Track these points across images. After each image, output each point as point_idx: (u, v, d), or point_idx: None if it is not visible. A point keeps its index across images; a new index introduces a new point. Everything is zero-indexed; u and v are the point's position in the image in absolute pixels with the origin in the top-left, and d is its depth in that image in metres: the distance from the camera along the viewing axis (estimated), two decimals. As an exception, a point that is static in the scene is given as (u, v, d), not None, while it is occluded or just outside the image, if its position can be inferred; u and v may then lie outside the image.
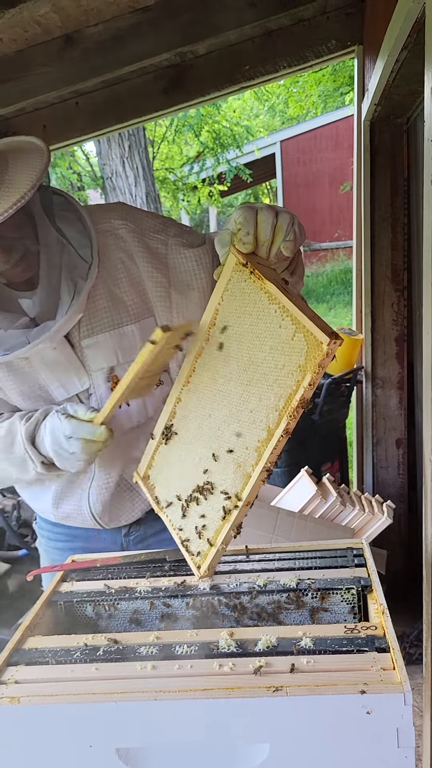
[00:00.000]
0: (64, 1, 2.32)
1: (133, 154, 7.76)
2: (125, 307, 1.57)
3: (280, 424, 1.17)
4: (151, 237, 1.58)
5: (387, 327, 3.55)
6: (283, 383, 1.17)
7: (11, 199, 1.27)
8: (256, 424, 1.22)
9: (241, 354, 1.25)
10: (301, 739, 1.02)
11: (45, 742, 1.06)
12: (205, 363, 1.33)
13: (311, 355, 1.12)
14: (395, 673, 1.03)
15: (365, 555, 1.41)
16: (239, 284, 1.26)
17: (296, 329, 1.14)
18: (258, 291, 1.21)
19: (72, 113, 3.37)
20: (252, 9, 2.64)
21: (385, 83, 2.47)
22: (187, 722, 1.04)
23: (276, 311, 1.18)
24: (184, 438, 1.38)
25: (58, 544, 1.82)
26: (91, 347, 1.56)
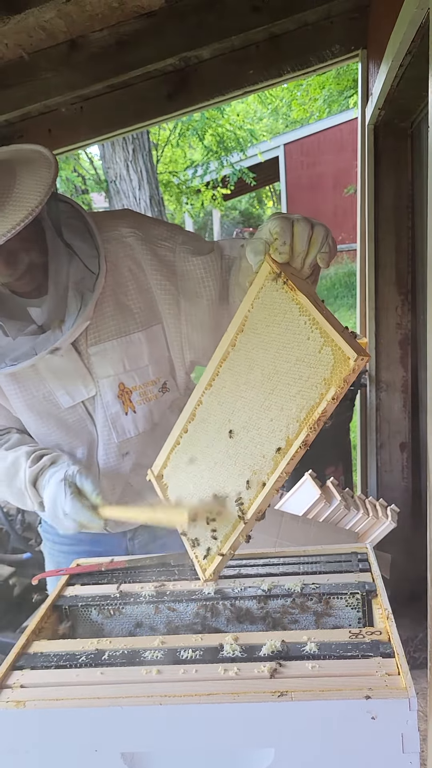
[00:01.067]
0: (69, 6, 2.33)
1: (137, 157, 7.77)
2: (132, 314, 1.57)
3: (299, 435, 1.17)
4: (159, 245, 1.58)
5: (391, 331, 3.55)
6: (306, 395, 1.17)
7: (19, 215, 1.26)
8: (275, 434, 1.22)
9: (266, 362, 1.25)
10: (306, 744, 1.02)
11: (50, 747, 1.07)
12: (229, 368, 1.34)
13: (337, 369, 1.12)
14: (400, 679, 1.03)
15: (370, 560, 1.41)
16: (271, 293, 1.26)
17: (324, 342, 1.15)
18: (289, 301, 1.22)
19: (77, 118, 3.38)
20: (256, 14, 2.65)
21: (389, 88, 2.48)
22: (192, 727, 1.04)
23: (306, 323, 1.18)
24: (202, 441, 1.38)
25: (63, 547, 1.82)
26: (98, 355, 1.56)
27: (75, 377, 1.57)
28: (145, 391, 1.62)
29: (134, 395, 1.60)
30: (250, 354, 1.30)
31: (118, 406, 1.60)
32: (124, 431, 1.63)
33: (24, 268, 1.41)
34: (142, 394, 1.62)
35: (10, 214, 1.27)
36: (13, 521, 3.14)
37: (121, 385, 1.59)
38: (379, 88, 2.62)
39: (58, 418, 1.61)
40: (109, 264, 1.53)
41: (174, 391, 1.68)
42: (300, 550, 1.50)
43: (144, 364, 1.60)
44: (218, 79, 3.33)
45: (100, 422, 1.62)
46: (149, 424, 1.66)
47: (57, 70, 2.76)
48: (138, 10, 2.57)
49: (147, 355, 1.60)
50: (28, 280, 1.45)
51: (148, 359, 1.60)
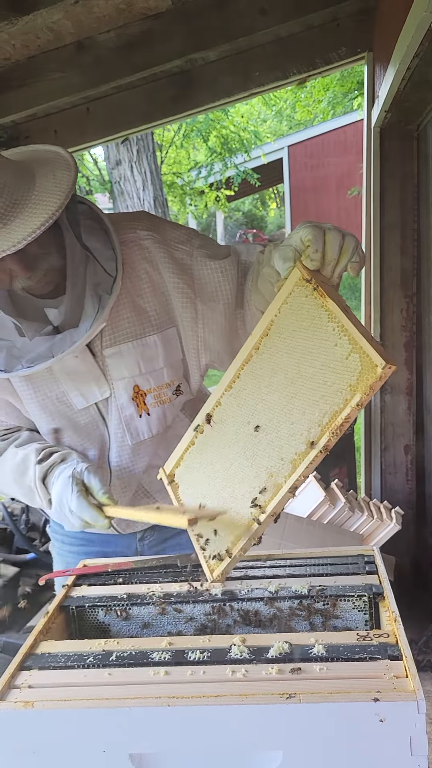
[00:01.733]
0: (77, 8, 2.34)
1: (142, 158, 7.78)
2: (148, 317, 1.57)
3: (320, 440, 1.17)
4: (176, 248, 1.58)
5: (396, 333, 3.55)
6: (330, 400, 1.17)
7: (38, 220, 1.26)
8: (296, 437, 1.22)
9: (290, 366, 1.26)
10: (314, 747, 1.02)
11: (58, 747, 1.07)
12: (251, 371, 1.34)
13: (364, 376, 1.13)
14: (408, 681, 1.03)
15: (376, 562, 1.41)
16: (299, 299, 1.27)
17: (352, 349, 1.15)
18: (318, 308, 1.22)
19: (83, 119, 3.39)
20: (263, 16, 2.65)
21: (396, 90, 2.48)
22: (200, 728, 1.04)
23: (334, 329, 1.19)
24: (218, 442, 1.38)
25: (73, 548, 1.82)
26: (114, 357, 1.56)
27: (89, 379, 1.57)
28: (160, 394, 1.62)
29: (149, 398, 1.60)
30: (275, 358, 1.30)
31: (132, 408, 1.60)
32: (138, 433, 1.63)
33: (42, 272, 1.40)
34: (156, 397, 1.62)
35: (28, 219, 1.26)
36: (17, 521, 3.14)
37: (135, 388, 1.59)
38: (385, 91, 2.62)
39: (70, 419, 1.61)
40: (126, 266, 1.53)
41: (187, 393, 1.68)
42: (306, 551, 1.50)
43: (159, 367, 1.60)
44: (224, 81, 3.34)
45: (113, 424, 1.62)
46: (162, 427, 1.66)
47: (63, 71, 2.77)
48: (145, 12, 2.58)
49: (162, 358, 1.60)
50: (46, 283, 1.44)
51: (163, 362, 1.60)
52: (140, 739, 1.05)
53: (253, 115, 16.63)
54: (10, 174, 1.30)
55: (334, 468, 3.88)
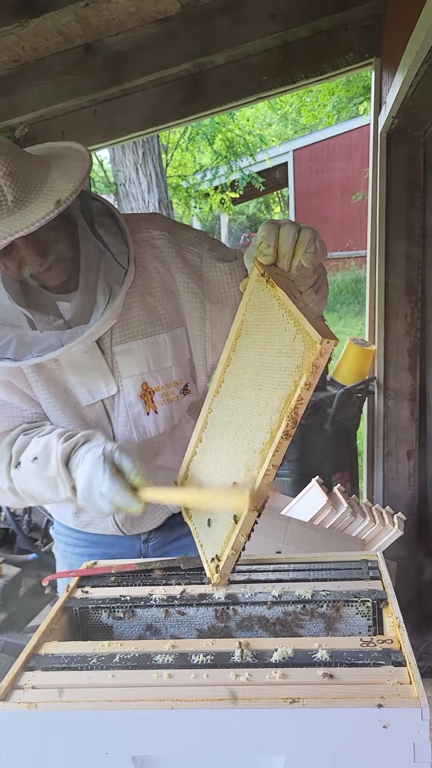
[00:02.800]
0: (86, 11, 2.35)
1: (147, 161, 7.80)
2: (158, 316, 1.59)
3: (280, 426, 1.17)
4: (187, 249, 1.60)
5: (400, 338, 3.55)
6: (285, 384, 1.18)
7: (51, 204, 1.29)
8: (262, 427, 1.23)
9: (255, 360, 1.29)
10: (317, 752, 1.02)
11: (61, 748, 1.07)
12: (231, 372, 1.38)
13: (306, 354, 1.13)
14: (412, 688, 1.03)
15: (380, 567, 1.41)
16: (258, 294, 1.30)
17: (297, 331, 1.17)
18: (271, 298, 1.25)
19: (90, 121, 3.40)
20: (272, 21, 2.66)
21: (403, 96, 2.48)
22: (204, 732, 1.04)
23: (283, 315, 1.22)
24: (210, 446, 1.41)
25: (77, 549, 1.82)
26: (123, 354, 1.57)
27: (96, 375, 1.58)
28: (168, 392, 1.63)
29: (156, 396, 1.61)
30: (245, 355, 1.34)
31: (140, 405, 1.61)
32: (145, 431, 1.63)
33: (53, 258, 1.42)
34: (164, 395, 1.62)
35: (42, 203, 1.29)
36: (19, 521, 3.14)
37: (144, 385, 1.60)
38: (393, 97, 2.62)
39: (78, 413, 1.62)
40: (138, 265, 1.55)
41: (194, 393, 1.69)
42: (310, 556, 1.50)
43: (168, 365, 1.61)
44: (231, 85, 3.35)
45: (121, 421, 1.63)
46: (169, 425, 1.67)
47: (72, 74, 2.78)
48: (154, 16, 2.59)
49: (171, 357, 1.61)
50: (58, 273, 1.45)
51: (171, 360, 1.62)
52: (143, 742, 1.05)
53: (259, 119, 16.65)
54: (26, 163, 1.34)
55: (336, 473, 3.88)
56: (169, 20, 2.63)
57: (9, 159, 1.30)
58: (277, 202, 23.73)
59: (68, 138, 3.38)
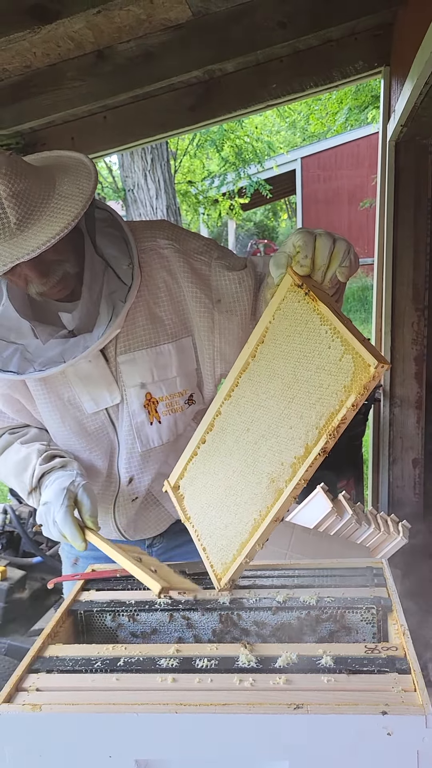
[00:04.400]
0: (98, 18, 2.36)
1: (155, 167, 7.83)
2: (163, 326, 1.58)
3: (318, 442, 1.18)
4: (195, 258, 1.59)
5: (406, 346, 3.55)
6: (326, 402, 1.18)
7: (55, 227, 1.27)
8: (294, 441, 1.23)
9: (286, 371, 1.27)
10: (321, 758, 1.02)
11: (65, 751, 1.07)
12: (249, 378, 1.36)
13: (358, 376, 1.13)
14: (416, 695, 1.03)
15: (385, 575, 1.41)
16: (292, 304, 1.29)
17: (345, 351, 1.16)
18: (310, 312, 1.24)
19: (100, 127, 3.42)
20: (282, 29, 2.67)
21: (413, 105, 2.49)
22: (207, 736, 1.04)
23: (327, 332, 1.21)
24: (220, 451, 1.40)
25: (82, 552, 1.82)
26: (127, 363, 1.57)
27: (101, 384, 1.58)
28: (172, 402, 1.63)
29: (160, 405, 1.61)
30: (271, 364, 1.32)
31: (143, 415, 1.61)
32: (148, 441, 1.63)
33: (57, 278, 1.41)
34: (168, 405, 1.62)
35: (46, 226, 1.27)
36: (24, 524, 3.15)
37: (148, 395, 1.60)
38: (402, 105, 2.63)
39: (80, 423, 1.62)
40: (144, 274, 1.54)
41: (200, 403, 1.68)
42: (315, 562, 1.50)
43: (172, 376, 1.61)
44: (241, 92, 3.36)
45: (124, 430, 1.63)
46: (173, 435, 1.66)
47: (83, 80, 2.80)
48: (165, 23, 2.60)
49: (175, 367, 1.61)
50: (61, 288, 1.45)
51: (176, 371, 1.61)
52: (147, 745, 1.05)
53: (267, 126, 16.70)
54: (31, 180, 1.31)
55: (341, 480, 3.87)
56: (180, 28, 2.64)
57: (13, 179, 1.28)
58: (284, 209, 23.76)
59: (78, 143, 3.40)
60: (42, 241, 1.25)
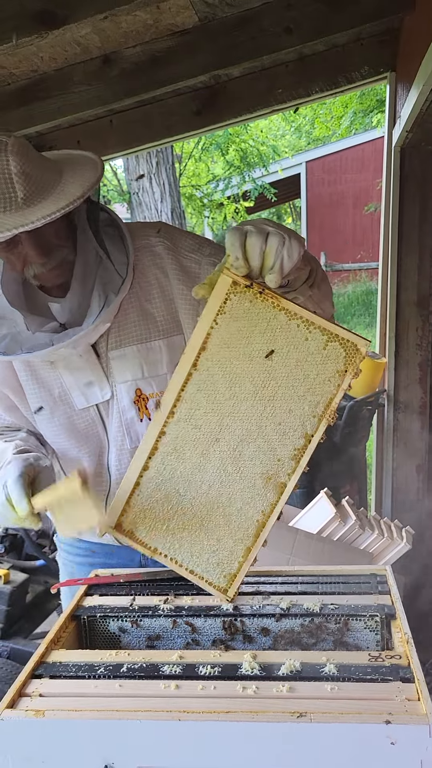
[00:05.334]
0: (105, 23, 2.37)
1: (161, 170, 7.84)
2: (155, 322, 1.60)
3: (318, 429, 1.25)
4: (185, 256, 1.60)
5: (411, 351, 3.55)
6: (318, 391, 1.24)
7: (60, 203, 1.33)
8: (289, 435, 1.26)
9: (254, 372, 1.26)
10: (324, 767, 1.02)
11: (67, 757, 1.07)
12: (199, 389, 1.29)
13: (350, 359, 1.22)
14: (420, 704, 1.02)
15: (389, 582, 1.41)
16: (241, 305, 1.24)
17: (328, 339, 1.22)
18: (271, 309, 1.23)
19: (106, 131, 3.43)
20: (288, 35, 2.67)
21: (418, 111, 2.49)
22: (210, 744, 1.04)
23: (299, 326, 1.23)
24: (180, 471, 1.33)
25: (78, 558, 1.82)
26: (118, 359, 1.59)
27: (91, 379, 1.59)
28: None
29: (150, 402, 1.61)
30: (228, 369, 1.27)
31: (133, 411, 1.62)
32: (138, 437, 1.64)
33: (56, 261, 1.45)
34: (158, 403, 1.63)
35: (51, 204, 1.33)
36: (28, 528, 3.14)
37: (138, 391, 1.61)
38: (408, 111, 2.63)
39: (70, 419, 1.63)
40: (137, 271, 1.57)
41: None
42: (319, 569, 1.49)
43: (163, 372, 1.61)
44: (247, 97, 3.37)
45: (114, 427, 1.64)
46: None
47: (89, 84, 2.81)
48: (171, 28, 2.61)
49: (166, 364, 1.61)
50: (58, 274, 1.47)
51: (167, 367, 1.62)
52: (149, 753, 1.05)
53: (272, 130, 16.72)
54: (40, 165, 1.39)
55: (344, 485, 3.87)
56: (186, 33, 2.65)
57: (24, 160, 1.34)
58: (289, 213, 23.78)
59: (84, 147, 3.40)
60: (46, 213, 1.31)
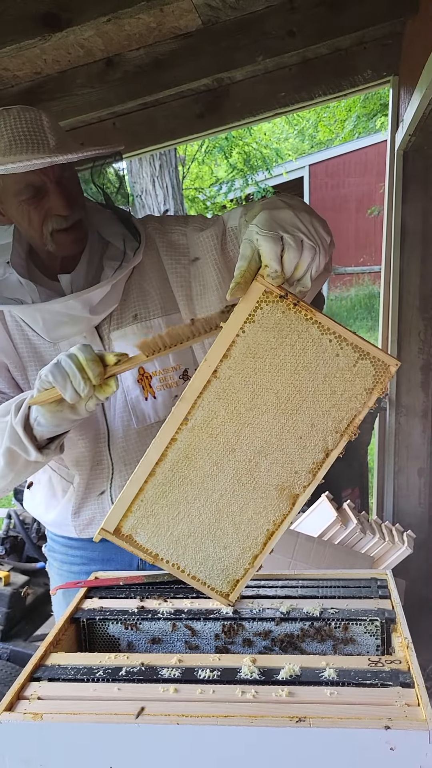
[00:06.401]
0: (108, 26, 2.37)
1: (164, 173, 7.85)
2: (153, 300, 1.64)
3: (339, 445, 1.27)
4: (172, 230, 1.67)
5: (413, 355, 3.55)
6: (343, 407, 1.25)
7: (89, 152, 1.46)
8: (309, 449, 1.27)
9: (279, 385, 1.25)
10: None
11: (65, 761, 1.07)
12: (218, 398, 1.27)
13: (379, 377, 1.24)
14: (420, 710, 1.02)
15: (389, 587, 1.40)
16: (273, 316, 1.23)
17: (359, 357, 1.23)
18: (304, 322, 1.22)
19: (109, 133, 3.43)
20: (292, 38, 2.67)
21: (421, 114, 2.49)
22: (209, 748, 1.03)
23: (330, 341, 1.23)
24: (191, 479, 1.31)
25: (74, 567, 1.81)
26: (119, 340, 1.61)
27: None
28: (166, 377, 1.64)
29: (154, 380, 1.62)
30: (252, 379, 1.25)
31: (138, 390, 1.63)
32: (144, 417, 1.64)
33: (76, 217, 1.51)
34: (162, 380, 1.64)
35: (81, 152, 1.44)
36: (28, 530, 3.15)
37: (141, 370, 1.62)
38: (411, 115, 2.63)
39: None
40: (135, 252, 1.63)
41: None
42: (319, 573, 1.49)
43: None
44: (250, 100, 3.37)
45: (119, 408, 1.64)
46: (168, 411, 1.65)
47: (92, 87, 2.81)
48: (175, 31, 2.61)
49: None
50: (73, 239, 1.53)
51: None
52: (148, 756, 1.05)
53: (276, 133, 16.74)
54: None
55: (346, 488, 3.86)
56: (189, 36, 2.65)
57: (55, 120, 1.50)
58: (292, 216, 23.79)
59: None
60: (76, 156, 1.42)
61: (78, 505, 1.73)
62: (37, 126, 1.45)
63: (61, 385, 1.31)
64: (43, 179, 1.45)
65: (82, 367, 1.30)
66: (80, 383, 1.31)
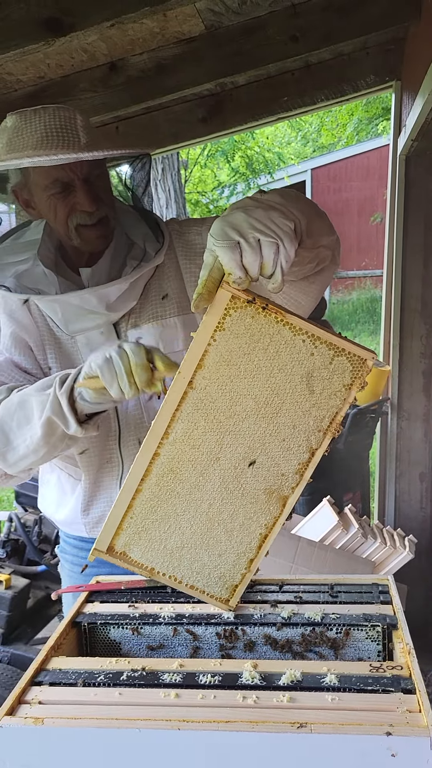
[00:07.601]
0: (112, 30, 2.38)
1: (166, 176, 7.87)
2: (170, 300, 1.66)
3: (323, 443, 1.26)
4: (190, 230, 1.70)
5: (415, 360, 3.55)
6: (324, 405, 1.23)
7: (116, 151, 1.52)
8: (293, 450, 1.26)
9: (257, 389, 1.23)
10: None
11: (66, 765, 1.06)
12: (196, 409, 1.25)
13: (357, 373, 1.22)
14: (421, 716, 1.02)
15: (391, 592, 1.40)
16: (243, 321, 1.20)
17: (335, 354, 1.21)
18: (274, 324, 1.19)
19: (112, 137, 3.43)
20: (294, 43, 2.68)
21: (423, 119, 2.50)
22: (209, 753, 1.03)
23: (304, 341, 1.20)
24: (177, 491, 1.31)
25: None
26: (135, 338, 1.61)
27: None
28: None
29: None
30: (229, 387, 1.24)
31: None
32: (154, 412, 1.64)
33: (101, 214, 1.56)
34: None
35: (109, 150, 1.51)
36: (30, 533, 3.15)
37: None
38: (413, 120, 2.64)
39: None
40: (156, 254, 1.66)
41: None
42: (321, 578, 1.49)
43: (179, 349, 1.64)
44: (252, 105, 3.38)
45: (132, 405, 1.66)
46: None
47: (95, 91, 2.82)
48: (178, 36, 2.62)
49: (182, 341, 1.65)
50: (99, 234, 1.58)
51: (183, 344, 1.65)
52: (148, 761, 1.05)
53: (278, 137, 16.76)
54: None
55: (347, 493, 3.86)
56: (192, 41, 2.66)
57: (87, 120, 1.56)
58: (294, 219, 23.81)
59: (90, 153, 3.42)
60: (101, 154, 1.47)
61: (87, 503, 1.73)
62: (71, 124, 1.51)
63: (108, 383, 1.34)
64: (70, 176, 1.51)
65: (131, 371, 1.33)
66: (126, 386, 1.34)
